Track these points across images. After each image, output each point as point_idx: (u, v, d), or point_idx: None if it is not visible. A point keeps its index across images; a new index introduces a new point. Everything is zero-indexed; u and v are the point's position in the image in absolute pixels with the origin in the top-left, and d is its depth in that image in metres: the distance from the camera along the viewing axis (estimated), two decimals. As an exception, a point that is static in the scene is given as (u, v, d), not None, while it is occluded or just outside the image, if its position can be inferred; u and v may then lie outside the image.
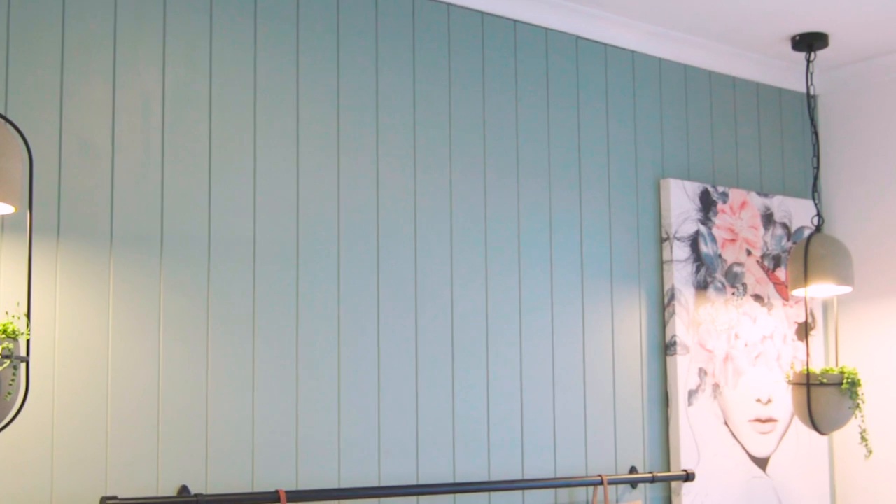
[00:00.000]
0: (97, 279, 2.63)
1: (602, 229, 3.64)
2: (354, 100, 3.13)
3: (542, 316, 3.45)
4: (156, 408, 2.67)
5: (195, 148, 2.82)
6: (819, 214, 3.84)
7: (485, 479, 3.24)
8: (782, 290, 4.06)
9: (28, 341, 2.32)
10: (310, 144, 3.02)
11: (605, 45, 3.75)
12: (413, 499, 3.09)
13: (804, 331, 4.08)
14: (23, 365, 2.31)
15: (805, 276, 3.68)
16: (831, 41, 3.95)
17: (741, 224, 3.97)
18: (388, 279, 3.12)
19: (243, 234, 2.87)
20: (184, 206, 2.79)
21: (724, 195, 3.94)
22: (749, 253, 3.99)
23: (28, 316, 2.35)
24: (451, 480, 3.17)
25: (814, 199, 3.93)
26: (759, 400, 3.94)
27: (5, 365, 2.18)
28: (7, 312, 2.40)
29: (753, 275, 3.99)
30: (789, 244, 4.12)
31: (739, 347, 3.90)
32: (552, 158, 3.54)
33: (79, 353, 2.58)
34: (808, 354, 3.79)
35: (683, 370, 3.72)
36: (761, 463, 3.92)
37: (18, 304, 2.45)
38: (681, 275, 3.77)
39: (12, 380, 2.21)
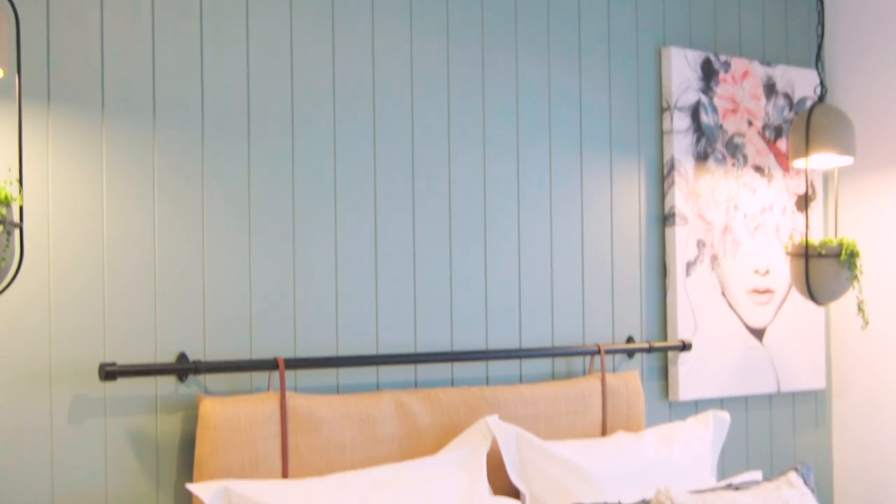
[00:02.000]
0: (89, 147, 2.61)
1: (601, 99, 3.59)
2: (349, -36, 3.06)
3: (541, 187, 3.42)
4: (152, 275, 2.67)
5: (186, 12, 2.76)
6: (822, 84, 3.79)
7: (482, 348, 3.26)
8: (783, 161, 4.03)
9: (21, 207, 2.31)
10: (304, 8, 2.96)
11: None
12: (411, 367, 3.11)
13: (804, 202, 4.06)
14: (16, 231, 2.30)
15: (806, 147, 3.64)
16: None
17: (743, 94, 3.92)
18: (385, 151, 3.09)
19: (237, 101, 2.83)
20: (176, 72, 2.74)
21: (726, 64, 3.87)
22: (750, 123, 3.94)
23: (20, 181, 2.32)
24: (448, 349, 3.19)
25: (817, 68, 3.86)
26: (757, 271, 3.94)
27: (-1, 230, 2.17)
28: (-1, 178, 2.38)
29: (754, 146, 3.95)
30: (791, 115, 4.07)
31: (738, 219, 3.88)
32: (551, 27, 3.48)
33: (73, 221, 2.57)
34: (807, 226, 3.77)
35: (682, 241, 3.72)
36: (758, 333, 3.94)
37: (10, 169, 2.42)
38: (681, 145, 3.73)
39: (6, 246, 2.20)
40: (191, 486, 2.53)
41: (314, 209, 2.94)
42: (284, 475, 2.72)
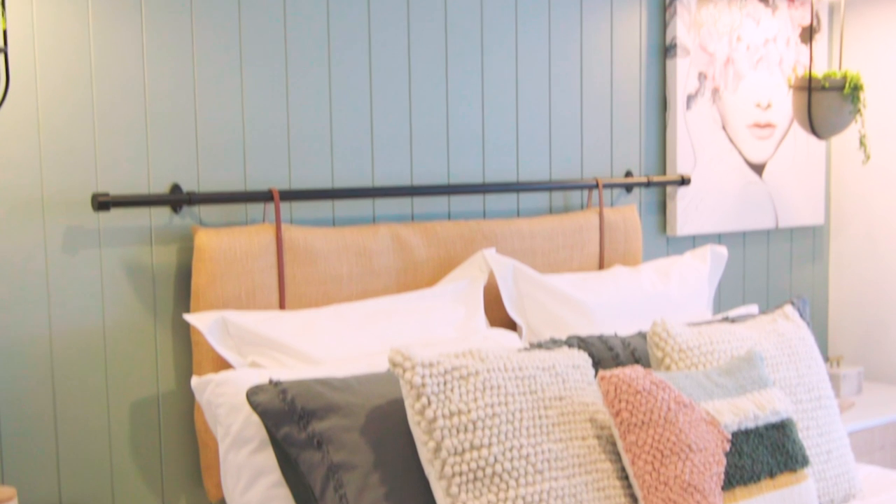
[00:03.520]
0: (74, -30, 2.52)
1: (603, -75, 3.48)
2: None
3: (539, 16, 3.33)
4: (142, 104, 2.61)
5: None
6: None
7: (479, 181, 3.23)
8: (788, -9, 3.93)
9: (4, 32, 2.24)
10: None
11: None
12: (407, 200, 3.08)
13: (808, 33, 3.97)
14: (1, 55, 2.24)
15: (813, -25, 3.55)
16: None
17: (749, -80, 3.80)
18: (380, -25, 3.00)
19: (225, -76, 2.73)
20: None
21: None
22: (756, -49, 3.83)
23: (2, 4, 2.25)
24: (445, 182, 3.15)
25: None
26: (758, 105, 3.88)
27: (-18, 54, 2.11)
28: (-19, 3, 2.30)
29: (759, -25, 3.85)
30: (798, -57, 3.96)
31: (741, 50, 3.80)
32: None
33: (59, 46, 2.49)
34: (811, 58, 3.70)
35: (683, 74, 3.64)
36: (758, 169, 3.90)
37: (-9, -8, 2.34)
38: (684, -26, 3.63)
39: (-9, 71, 2.14)
40: (188, 317, 2.53)
41: (307, 36, 2.86)
42: (281, 306, 2.72)
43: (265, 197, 2.74)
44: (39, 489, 2.51)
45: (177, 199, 2.63)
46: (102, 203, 2.50)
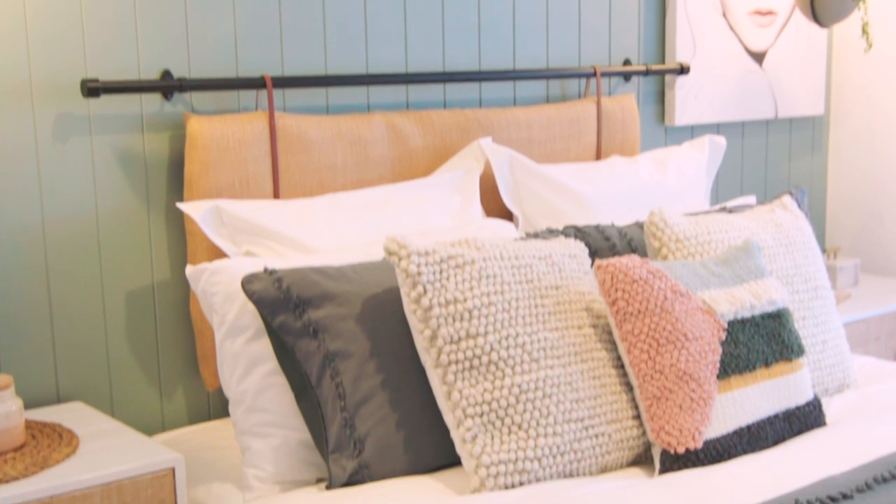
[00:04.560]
0: None
1: None
2: None
3: None
4: (130, -13, 2.55)
5: None
6: None
7: (475, 69, 3.17)
8: None
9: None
10: None
11: None
12: (402, 87, 3.03)
13: (813, -82, 3.88)
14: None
15: None
16: None
17: None
18: None
19: None
20: None
21: None
22: None
23: None
24: (440, 70, 3.10)
25: None
26: (760, -9, 3.81)
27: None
28: None
29: None
30: None
31: (744, -65, 3.72)
32: None
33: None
34: (815, -57, 3.62)
35: (684, -41, 3.57)
36: (758, 57, 3.84)
37: None
38: None
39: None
40: (181, 205, 2.51)
41: (299, -81, 2.79)
42: (275, 195, 2.69)
43: (258, 84, 2.69)
44: (36, 378, 2.52)
45: (168, 86, 2.58)
46: (92, 89, 2.45)
